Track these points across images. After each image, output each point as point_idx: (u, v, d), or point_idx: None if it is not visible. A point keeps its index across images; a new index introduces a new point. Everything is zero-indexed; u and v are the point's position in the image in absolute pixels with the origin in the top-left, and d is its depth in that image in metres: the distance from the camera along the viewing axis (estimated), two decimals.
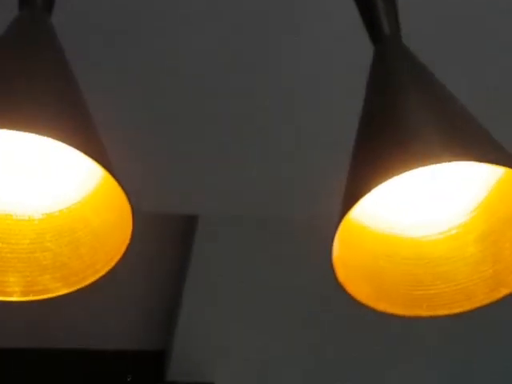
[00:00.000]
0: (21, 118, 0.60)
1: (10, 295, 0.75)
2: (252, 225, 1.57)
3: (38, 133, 0.58)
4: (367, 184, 0.67)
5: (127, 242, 0.70)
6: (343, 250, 0.72)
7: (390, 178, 0.64)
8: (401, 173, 0.64)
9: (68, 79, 0.69)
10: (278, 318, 1.74)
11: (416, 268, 0.83)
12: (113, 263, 0.72)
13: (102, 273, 0.72)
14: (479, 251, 0.83)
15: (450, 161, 0.64)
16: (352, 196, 0.68)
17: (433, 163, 0.63)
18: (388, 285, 0.83)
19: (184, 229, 1.62)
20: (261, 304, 1.74)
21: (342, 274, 0.73)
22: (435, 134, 0.70)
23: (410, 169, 0.64)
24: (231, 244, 1.63)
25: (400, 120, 0.74)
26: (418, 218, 0.82)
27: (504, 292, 0.81)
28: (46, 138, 0.58)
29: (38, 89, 0.65)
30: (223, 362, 1.84)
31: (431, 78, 0.78)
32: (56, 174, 0.72)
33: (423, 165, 0.65)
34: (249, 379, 1.85)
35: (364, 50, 0.79)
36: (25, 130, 0.58)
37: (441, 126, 0.73)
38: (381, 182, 0.64)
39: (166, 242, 1.65)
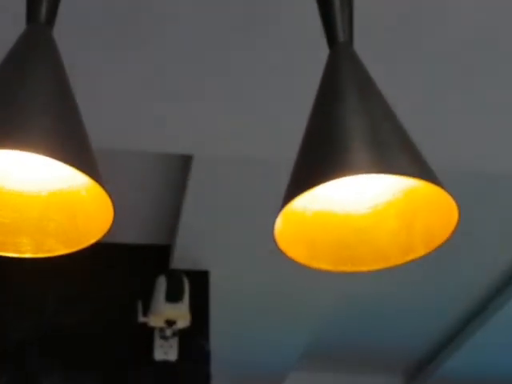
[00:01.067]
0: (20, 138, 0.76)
1: (24, 253, 0.94)
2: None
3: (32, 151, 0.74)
4: (301, 186, 0.83)
5: (110, 221, 0.87)
6: (284, 224, 0.89)
7: (318, 184, 0.80)
8: (327, 181, 0.80)
9: (64, 94, 0.84)
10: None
11: (344, 235, 0.99)
12: (101, 234, 0.89)
13: (93, 241, 0.90)
14: (397, 224, 0.99)
15: (367, 173, 0.80)
16: (291, 193, 0.84)
17: (354, 174, 0.80)
18: (321, 249, 1.00)
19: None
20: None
21: (283, 244, 0.88)
22: (360, 148, 0.85)
23: (334, 178, 0.79)
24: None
25: (333, 130, 0.88)
26: (349, 195, 0.97)
27: (412, 257, 0.98)
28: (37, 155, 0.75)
29: (37, 107, 0.80)
30: (218, 255, 2.05)
31: (371, 85, 0.91)
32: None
33: (345, 175, 0.80)
34: (239, 268, 2.10)
35: None
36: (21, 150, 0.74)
37: (366, 139, 0.87)
38: (313, 186, 0.80)
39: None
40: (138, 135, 1.61)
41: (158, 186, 1.95)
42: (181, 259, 2.02)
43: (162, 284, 1.84)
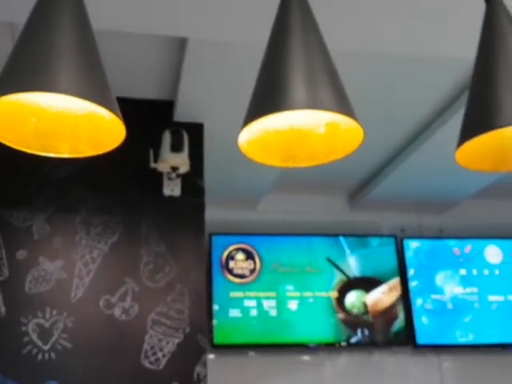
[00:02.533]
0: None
1: (61, 153, 1.25)
2: None
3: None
4: (252, 116, 1.12)
5: (123, 136, 1.18)
6: (247, 136, 1.20)
7: (264, 116, 1.06)
8: (271, 114, 1.05)
9: (88, 43, 1.10)
10: None
11: (291, 141, 1.29)
12: (118, 143, 1.21)
13: (112, 148, 1.22)
14: (324, 135, 1.30)
15: (300, 109, 1.05)
16: (246, 119, 1.10)
17: (291, 110, 1.04)
18: (273, 150, 1.30)
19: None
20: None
21: (246, 150, 1.17)
22: (297, 86, 1.14)
23: (276, 112, 1.04)
24: None
25: (279, 67, 1.16)
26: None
27: (335, 157, 1.30)
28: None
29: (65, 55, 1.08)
30: (212, 110, 2.31)
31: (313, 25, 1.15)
32: None
33: (284, 110, 1.08)
34: (227, 122, 2.26)
35: None
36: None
37: (303, 77, 1.15)
38: (259, 118, 1.06)
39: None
40: (140, 18, 1.77)
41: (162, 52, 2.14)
42: (182, 114, 2.27)
43: (167, 137, 2.15)
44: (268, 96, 1.16)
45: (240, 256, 2.73)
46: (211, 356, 2.53)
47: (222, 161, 2.52)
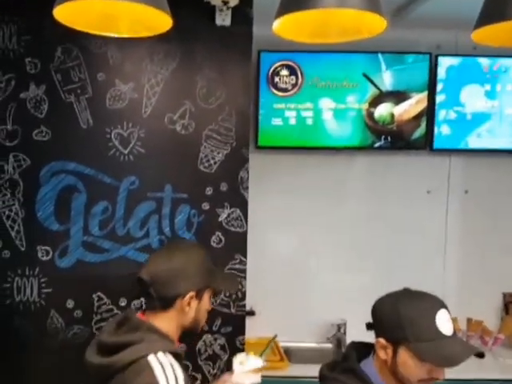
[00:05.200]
0: None
1: (121, 34, 1.33)
2: None
3: None
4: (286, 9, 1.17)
5: (171, 23, 1.25)
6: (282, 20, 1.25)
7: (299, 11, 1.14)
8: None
9: None
10: None
11: (321, 18, 1.31)
12: (167, 28, 1.29)
13: (163, 31, 1.30)
14: (352, 17, 1.31)
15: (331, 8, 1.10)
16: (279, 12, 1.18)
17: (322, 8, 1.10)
18: (304, 28, 1.33)
19: None
20: None
21: (280, 31, 1.24)
22: None
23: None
24: None
25: None
26: None
27: (361, 36, 1.33)
28: None
29: None
30: None
31: None
32: None
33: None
34: None
35: None
36: None
37: None
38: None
39: None
40: None
41: None
42: None
43: None
44: None
45: (284, 72, 2.78)
46: (255, 156, 2.76)
47: None
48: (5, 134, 2.21)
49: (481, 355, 1.33)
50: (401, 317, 1.31)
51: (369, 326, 1.40)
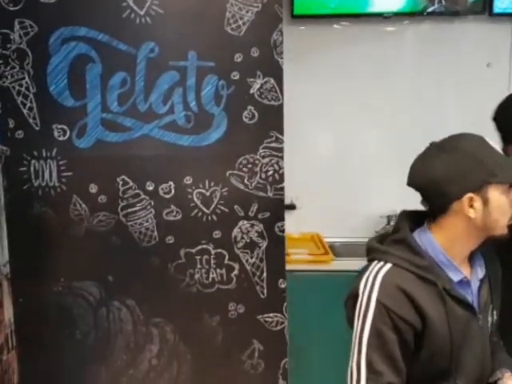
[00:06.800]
0: None
1: None
2: None
3: None
4: None
5: None
6: None
7: None
8: None
9: None
10: None
11: None
12: None
13: None
14: None
15: None
16: None
17: None
18: None
19: None
20: None
21: None
22: None
23: None
24: None
25: None
26: None
27: None
28: None
29: None
30: None
31: None
32: None
33: None
34: None
35: None
36: None
37: None
38: None
39: None
40: None
41: None
42: None
43: None
44: None
45: None
46: (290, 26, 2.43)
47: None
48: None
49: None
50: (477, 161, 1.28)
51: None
